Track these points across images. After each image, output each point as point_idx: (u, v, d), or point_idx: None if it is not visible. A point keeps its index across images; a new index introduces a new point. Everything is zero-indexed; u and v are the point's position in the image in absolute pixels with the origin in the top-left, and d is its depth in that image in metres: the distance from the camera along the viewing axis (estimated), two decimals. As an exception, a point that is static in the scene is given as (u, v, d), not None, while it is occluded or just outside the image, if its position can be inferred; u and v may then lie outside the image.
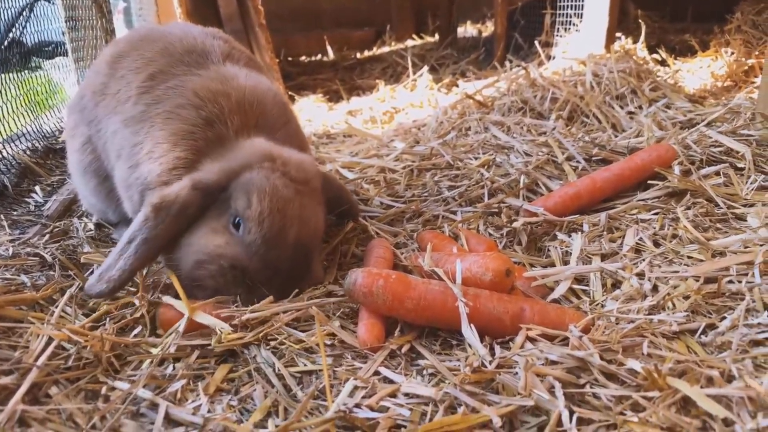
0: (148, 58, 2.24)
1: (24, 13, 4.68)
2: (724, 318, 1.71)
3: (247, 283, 1.83)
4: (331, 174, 2.40)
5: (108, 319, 1.81)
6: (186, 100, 2.07)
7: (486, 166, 3.02)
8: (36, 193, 3.06)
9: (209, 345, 1.66)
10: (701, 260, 2.03)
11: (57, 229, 2.56)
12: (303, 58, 8.54)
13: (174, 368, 1.59)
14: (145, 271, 2.17)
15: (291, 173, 1.96)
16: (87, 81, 2.50)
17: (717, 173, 2.68)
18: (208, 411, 1.43)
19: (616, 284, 1.99)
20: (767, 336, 1.60)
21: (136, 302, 1.87)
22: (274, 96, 2.26)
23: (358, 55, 8.42)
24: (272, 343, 1.68)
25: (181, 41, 2.29)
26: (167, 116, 2.06)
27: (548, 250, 2.28)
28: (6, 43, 4.34)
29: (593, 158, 3.01)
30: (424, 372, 1.59)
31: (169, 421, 1.39)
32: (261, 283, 1.83)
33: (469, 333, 1.64)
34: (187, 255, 1.90)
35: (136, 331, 1.77)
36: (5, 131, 3.48)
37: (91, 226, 2.66)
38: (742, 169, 2.69)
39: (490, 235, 2.44)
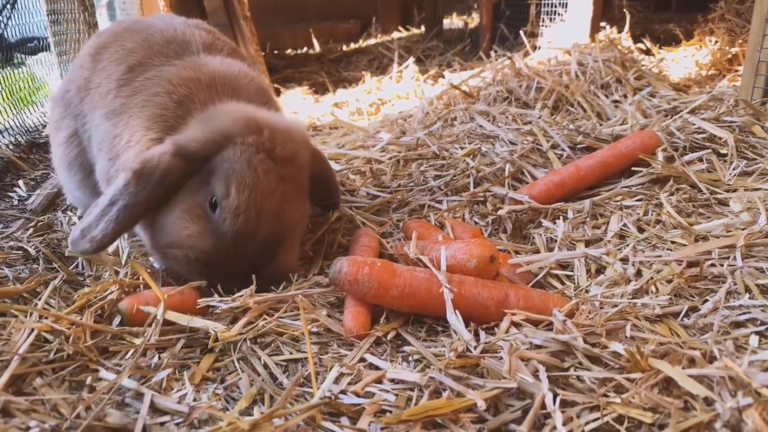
0: (129, 49, 2.24)
1: (5, 10, 4.63)
2: (706, 301, 1.73)
3: (210, 274, 1.85)
4: (319, 150, 2.36)
5: (88, 308, 1.79)
6: (161, 89, 2.07)
7: (471, 156, 3.03)
8: (19, 188, 3.03)
9: (192, 334, 1.66)
10: (684, 245, 2.05)
11: (41, 223, 2.54)
12: (289, 51, 8.50)
13: (159, 358, 1.58)
14: (125, 257, 2.18)
15: (276, 151, 1.93)
16: (71, 74, 2.48)
17: (700, 159, 2.70)
18: (194, 400, 1.43)
19: (600, 269, 2.00)
20: (748, 318, 1.62)
21: (114, 289, 1.87)
22: (250, 79, 2.25)
23: (344, 48, 8.40)
24: (258, 334, 1.68)
25: (161, 32, 2.29)
26: (143, 105, 2.07)
27: (533, 237, 2.29)
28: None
29: (578, 146, 3.02)
30: (410, 358, 1.60)
31: (155, 410, 1.38)
32: (224, 275, 1.84)
33: (454, 319, 1.65)
34: (162, 234, 1.91)
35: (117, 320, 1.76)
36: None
37: (75, 219, 2.64)
38: (725, 155, 2.71)
39: (476, 223, 2.45)
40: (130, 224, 1.90)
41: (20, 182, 3.09)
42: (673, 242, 2.09)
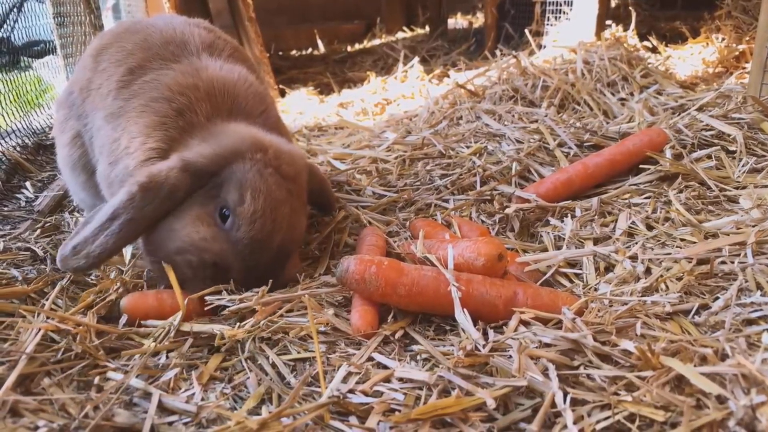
0: (128, 50, 2.23)
1: (12, 14, 4.65)
2: (717, 298, 1.71)
3: (222, 280, 1.83)
4: (315, 166, 2.38)
5: (93, 307, 1.79)
6: (159, 94, 2.06)
7: (478, 154, 3.02)
8: (26, 189, 3.04)
9: (200, 334, 1.66)
10: (694, 242, 2.04)
11: (48, 224, 2.54)
12: (293, 52, 8.50)
13: (167, 357, 1.58)
14: (129, 256, 2.18)
15: (282, 168, 1.95)
16: (75, 76, 2.49)
17: (709, 156, 2.68)
18: (202, 399, 1.42)
19: (609, 267, 1.99)
20: (760, 315, 1.60)
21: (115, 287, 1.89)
22: (248, 85, 2.24)
23: (349, 48, 8.40)
24: (265, 333, 1.68)
25: (161, 33, 2.28)
26: (142, 110, 2.06)
27: (541, 236, 2.28)
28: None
29: (585, 144, 3.01)
30: (418, 357, 1.58)
31: (163, 409, 1.38)
32: (237, 280, 1.83)
33: (462, 317, 1.64)
34: (169, 240, 1.86)
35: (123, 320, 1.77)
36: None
37: (82, 220, 2.64)
38: (734, 152, 2.70)
39: (483, 222, 2.44)
40: (132, 239, 1.88)
41: (27, 184, 3.10)
42: (682, 240, 2.08)
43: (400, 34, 8.90)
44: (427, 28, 8.79)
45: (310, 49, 8.51)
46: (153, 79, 2.12)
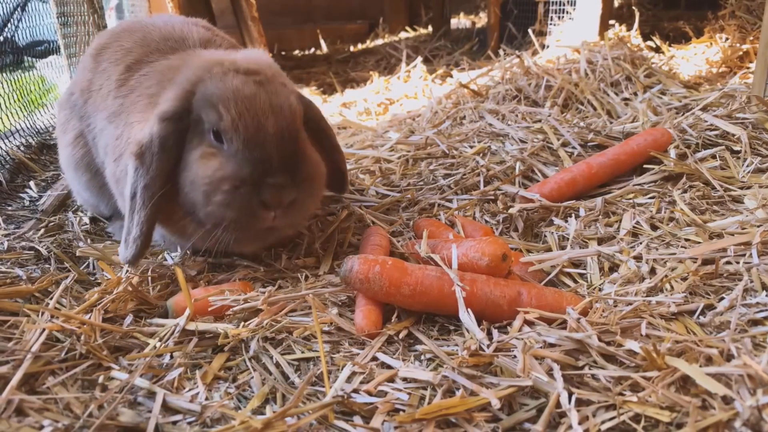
0: (127, 48, 2.28)
1: (16, 13, 4.65)
2: (723, 298, 1.70)
3: (256, 193, 1.83)
4: (310, 101, 2.35)
5: (98, 306, 1.79)
6: (153, 81, 2.12)
7: (481, 154, 3.01)
8: (30, 189, 3.04)
9: (204, 333, 1.66)
10: (698, 242, 2.03)
11: (52, 224, 2.54)
12: (296, 52, 8.52)
13: (171, 357, 1.58)
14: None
15: (241, 67, 1.95)
16: (76, 77, 2.52)
17: (713, 156, 2.67)
18: (206, 399, 1.42)
19: (614, 267, 1.98)
20: (765, 315, 1.60)
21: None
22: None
23: (352, 48, 8.40)
24: (269, 333, 1.68)
25: (159, 30, 2.32)
26: (137, 101, 2.12)
27: (545, 236, 2.27)
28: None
29: (589, 144, 3.00)
30: (422, 357, 1.58)
31: (167, 409, 1.38)
32: (261, 182, 1.83)
33: (466, 317, 1.64)
34: (194, 192, 1.89)
35: (128, 320, 1.77)
36: (-1, 128, 3.47)
37: (86, 220, 2.65)
38: (738, 152, 2.69)
39: (486, 222, 2.43)
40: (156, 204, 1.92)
41: (31, 183, 3.10)
42: (687, 240, 2.07)
43: (403, 34, 8.90)
44: (430, 28, 8.80)
45: (313, 49, 8.53)
46: (148, 71, 2.18)
